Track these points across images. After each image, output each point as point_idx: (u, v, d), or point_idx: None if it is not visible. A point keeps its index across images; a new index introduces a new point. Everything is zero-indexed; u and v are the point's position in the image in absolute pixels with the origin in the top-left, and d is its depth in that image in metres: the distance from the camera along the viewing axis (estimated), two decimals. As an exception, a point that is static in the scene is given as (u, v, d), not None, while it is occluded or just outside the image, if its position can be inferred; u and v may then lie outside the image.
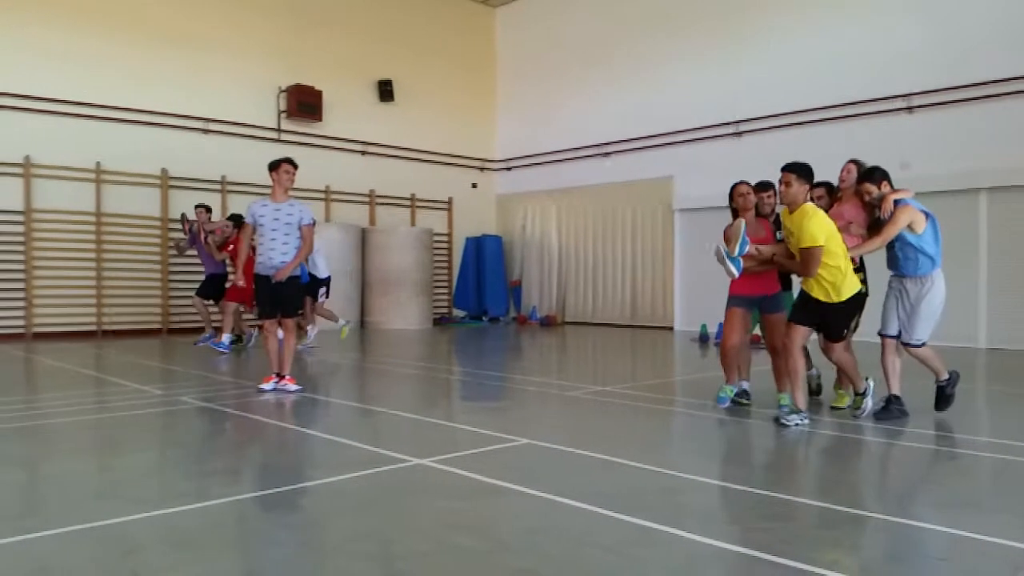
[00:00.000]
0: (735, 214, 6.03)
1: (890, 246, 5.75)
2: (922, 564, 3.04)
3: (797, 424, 5.37)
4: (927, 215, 5.64)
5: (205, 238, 10.73)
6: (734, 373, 6.02)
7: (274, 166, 7.10)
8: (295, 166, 7.14)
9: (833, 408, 6.12)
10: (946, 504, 3.76)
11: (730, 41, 14.50)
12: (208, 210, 11.16)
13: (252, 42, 14.91)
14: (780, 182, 5.49)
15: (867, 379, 5.78)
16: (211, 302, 11.26)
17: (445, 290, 18.11)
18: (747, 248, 5.59)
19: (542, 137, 17.79)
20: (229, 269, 11.19)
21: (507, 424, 5.58)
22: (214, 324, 11.36)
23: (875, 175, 5.75)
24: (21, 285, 12.45)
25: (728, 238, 5.74)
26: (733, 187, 6.08)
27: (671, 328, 15.25)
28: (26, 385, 8.12)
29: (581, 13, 17.14)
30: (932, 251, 5.64)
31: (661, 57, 15.56)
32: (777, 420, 5.48)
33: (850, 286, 5.44)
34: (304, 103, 15.23)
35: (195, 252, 11.62)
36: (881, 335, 5.85)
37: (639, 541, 3.16)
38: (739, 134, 14.19)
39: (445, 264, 18.08)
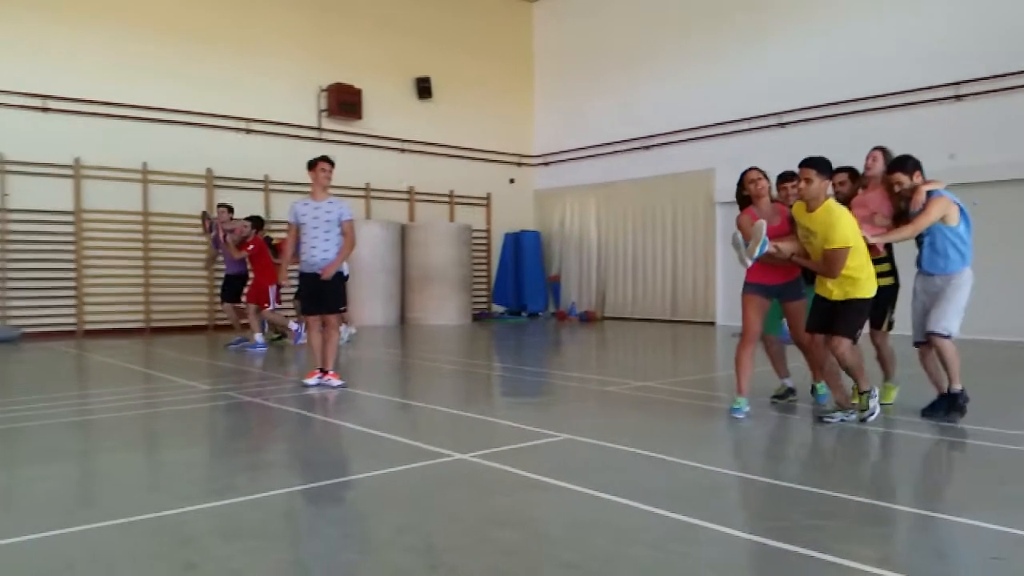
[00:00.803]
0: (745, 203, 5.77)
1: (918, 240, 5.49)
2: (975, 563, 2.98)
3: (843, 419, 5.27)
4: (960, 208, 5.40)
5: (224, 237, 10.82)
6: (746, 382, 5.68)
7: (311, 165, 7.20)
8: (332, 164, 7.23)
9: (881, 405, 5.97)
10: (1001, 502, 3.68)
11: (773, 31, 14.29)
12: (230, 210, 11.15)
13: (293, 43, 15.11)
14: (799, 178, 5.23)
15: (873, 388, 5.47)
16: (240, 304, 11.25)
17: (484, 286, 18.18)
18: (766, 249, 5.30)
19: (581, 131, 17.73)
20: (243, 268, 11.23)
21: (547, 420, 5.60)
22: (243, 323, 11.42)
23: (907, 164, 5.45)
24: (72, 284, 12.81)
25: (741, 227, 5.54)
26: (743, 174, 5.78)
27: (712, 323, 15.11)
28: (78, 381, 8.36)
29: (620, 6, 17.03)
30: (964, 246, 5.40)
31: (702, 48, 15.40)
32: (821, 419, 5.36)
33: (870, 286, 5.21)
34: (344, 102, 15.39)
35: (220, 255, 11.58)
36: (916, 343, 5.60)
37: (683, 537, 3.15)
38: (783, 125, 13.99)
39: (484, 260, 18.15)
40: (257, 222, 10.86)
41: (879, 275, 5.55)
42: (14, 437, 5.28)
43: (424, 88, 16.82)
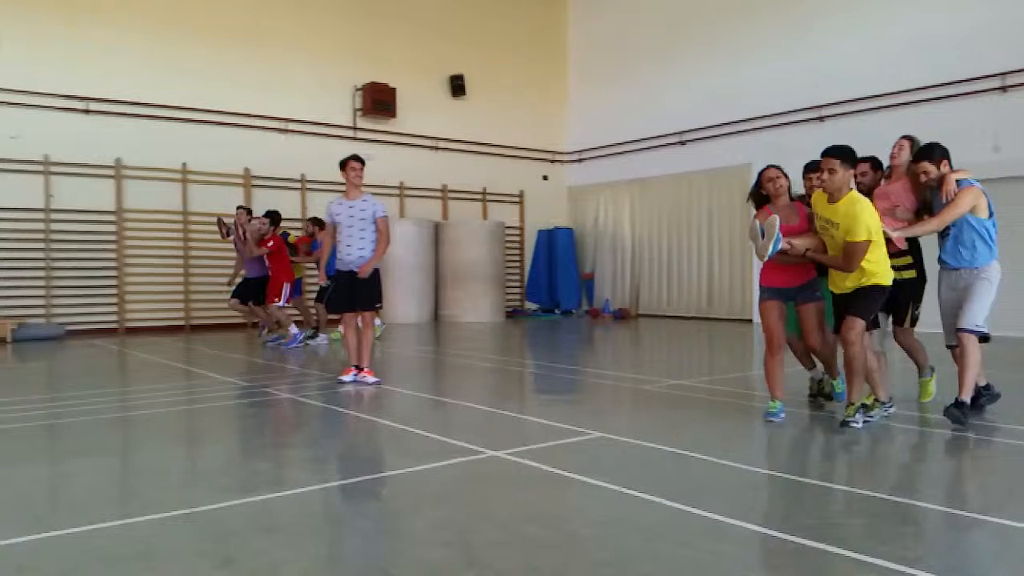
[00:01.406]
0: (763, 201, 5.52)
1: (943, 233, 5.22)
2: (1010, 564, 2.92)
3: (867, 420, 5.10)
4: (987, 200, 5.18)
5: (243, 234, 10.87)
6: (779, 385, 5.43)
7: (342, 165, 7.29)
8: (362, 162, 7.29)
9: (921, 403, 5.83)
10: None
11: (811, 23, 14.09)
12: (248, 212, 11.17)
13: (329, 43, 15.27)
14: (821, 169, 4.97)
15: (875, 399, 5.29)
16: (245, 304, 11.25)
17: (517, 283, 18.20)
18: (780, 245, 5.06)
19: (615, 127, 17.65)
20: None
21: (580, 417, 5.60)
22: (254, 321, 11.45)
23: (934, 153, 5.18)
24: (114, 282, 13.09)
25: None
26: (761, 172, 5.51)
27: (749, 320, 14.94)
28: (119, 378, 8.55)
29: (655, 1, 16.92)
30: (992, 239, 5.16)
31: (738, 42, 15.24)
32: (845, 423, 5.06)
33: (887, 275, 4.99)
34: (379, 101, 15.52)
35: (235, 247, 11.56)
36: (949, 346, 5.38)
37: (715, 535, 3.13)
38: (821, 119, 13.78)
39: (517, 257, 18.17)
40: (275, 218, 10.88)
41: (901, 268, 5.40)
42: (58, 432, 5.43)
43: (458, 86, 16.88)
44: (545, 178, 18.64)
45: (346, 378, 7.25)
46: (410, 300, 15.22)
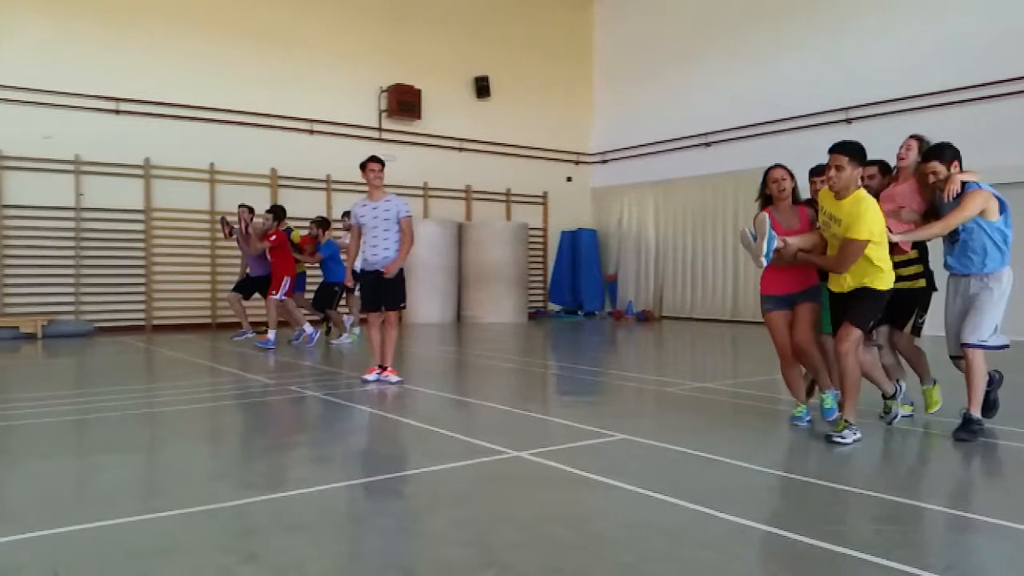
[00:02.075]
0: (767, 202, 5.32)
1: (950, 237, 4.94)
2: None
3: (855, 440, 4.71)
4: (1000, 202, 4.86)
5: (246, 229, 10.80)
6: (801, 390, 5.37)
7: (362, 166, 7.33)
8: (381, 163, 7.31)
9: (928, 412, 5.49)
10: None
11: (838, 24, 13.95)
12: (251, 210, 11.06)
13: (355, 44, 15.36)
14: (829, 165, 4.72)
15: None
16: (247, 298, 11.20)
17: (540, 284, 18.18)
18: (775, 244, 4.87)
19: (639, 128, 17.58)
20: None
21: (603, 419, 5.57)
22: (268, 320, 10.98)
23: (945, 153, 4.88)
24: (142, 280, 13.27)
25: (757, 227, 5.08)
26: (767, 171, 5.31)
27: (773, 323, 14.80)
28: (147, 374, 8.65)
29: (681, 2, 16.84)
30: (1004, 243, 4.86)
31: (765, 44, 15.12)
32: (829, 438, 4.78)
33: (888, 279, 4.74)
34: (404, 102, 15.58)
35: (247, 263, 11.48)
36: (952, 357, 5.10)
37: (739, 539, 3.11)
38: (848, 121, 13.63)
39: (540, 258, 18.16)
40: (278, 213, 10.81)
41: (910, 276, 5.19)
42: (85, 428, 5.51)
43: (483, 87, 16.91)
44: (569, 179, 18.60)
45: (369, 377, 7.29)
46: (433, 300, 15.26)
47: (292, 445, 5.03)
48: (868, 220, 4.57)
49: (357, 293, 11.28)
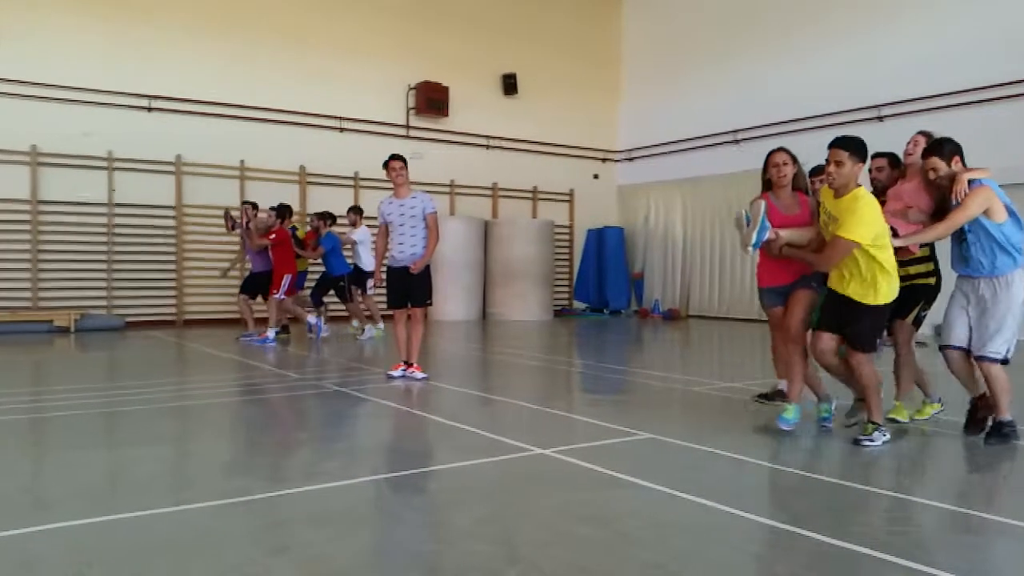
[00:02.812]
0: (767, 186, 5.15)
1: (958, 238, 4.71)
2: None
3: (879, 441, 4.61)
4: (1006, 206, 4.62)
5: (247, 224, 10.85)
6: (821, 385, 5.18)
7: (384, 165, 7.36)
8: (403, 161, 7.33)
9: (889, 419, 5.15)
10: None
11: (869, 22, 13.76)
12: (254, 206, 11.13)
13: (384, 42, 15.44)
14: (828, 161, 4.53)
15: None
16: (254, 299, 11.24)
17: (566, 282, 18.16)
18: (767, 234, 4.71)
19: (666, 125, 17.48)
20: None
21: (629, 418, 5.56)
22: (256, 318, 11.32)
23: (944, 148, 4.66)
24: (172, 275, 13.45)
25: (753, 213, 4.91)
26: (769, 155, 5.12)
27: (801, 323, 14.66)
28: (177, 368, 8.78)
29: (709, -1, 16.76)
30: (1014, 245, 4.58)
31: (795, 41, 14.96)
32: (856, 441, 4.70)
33: (893, 288, 4.57)
34: (432, 99, 15.64)
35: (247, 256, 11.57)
36: (943, 347, 4.87)
37: (765, 539, 3.09)
38: (880, 119, 13.44)
39: (566, 256, 18.13)
40: (282, 212, 10.82)
41: (921, 275, 5.02)
42: (118, 420, 5.60)
43: (510, 84, 16.91)
44: (596, 177, 18.56)
45: (395, 373, 7.32)
46: (458, 298, 15.30)
47: (319, 439, 5.07)
48: (863, 218, 4.38)
49: (371, 291, 11.37)
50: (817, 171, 5.34)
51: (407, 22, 15.75)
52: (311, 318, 11.02)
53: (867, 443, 4.64)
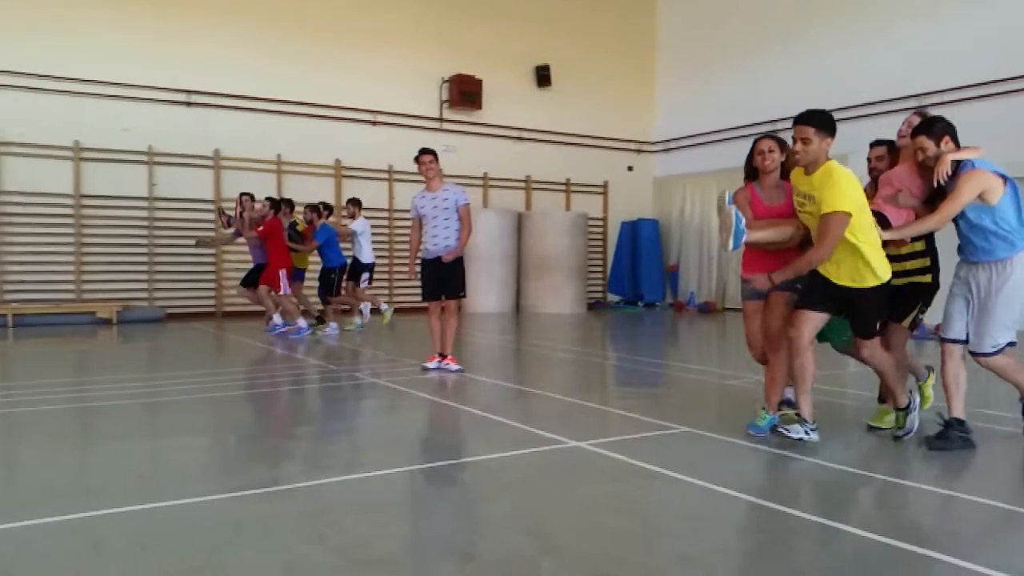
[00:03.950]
0: (752, 175, 4.87)
1: (957, 223, 4.40)
2: None
3: (803, 437, 4.30)
4: (1005, 179, 4.26)
5: (240, 213, 10.82)
6: (777, 395, 4.75)
7: (415, 159, 7.40)
8: (433, 154, 7.36)
9: (871, 427, 4.92)
10: None
11: (907, 11, 13.46)
12: (252, 198, 11.08)
13: (418, 35, 15.49)
14: (795, 139, 4.29)
15: (909, 392, 4.65)
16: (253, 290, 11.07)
17: (600, 275, 18.09)
18: (743, 239, 4.41)
19: (702, 116, 17.28)
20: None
21: (665, 411, 5.53)
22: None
23: (934, 127, 4.32)
24: (212, 268, 13.67)
25: (738, 204, 4.64)
26: (755, 142, 4.84)
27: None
28: (217, 359, 8.93)
29: (745, -12, 16.52)
30: (1010, 228, 4.23)
31: (832, 30, 14.70)
32: (774, 428, 4.50)
33: (883, 267, 4.27)
34: (465, 92, 15.66)
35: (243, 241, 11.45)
36: (943, 340, 4.55)
37: (801, 533, 3.06)
38: (921, 108, 13.16)
39: (600, 248, 18.06)
40: (276, 204, 10.74)
41: (916, 271, 4.68)
42: (158, 410, 5.72)
43: (543, 76, 16.86)
44: (630, 168, 18.44)
45: (430, 365, 7.38)
46: (492, 290, 15.34)
47: (355, 430, 5.13)
48: (843, 191, 4.08)
49: (364, 284, 11.24)
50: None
51: (441, 15, 15.78)
52: (300, 320, 10.71)
53: (906, 436, 4.56)
